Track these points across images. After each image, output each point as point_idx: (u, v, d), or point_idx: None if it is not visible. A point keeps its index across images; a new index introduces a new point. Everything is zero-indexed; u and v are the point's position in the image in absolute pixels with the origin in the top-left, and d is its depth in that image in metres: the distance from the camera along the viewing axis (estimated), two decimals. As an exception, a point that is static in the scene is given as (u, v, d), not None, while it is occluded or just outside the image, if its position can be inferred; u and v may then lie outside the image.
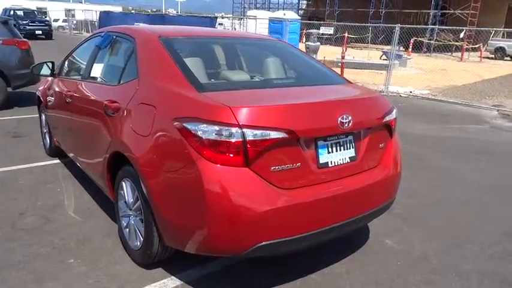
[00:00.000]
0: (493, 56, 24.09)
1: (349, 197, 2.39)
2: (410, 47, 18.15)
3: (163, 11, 35.74)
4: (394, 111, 2.77)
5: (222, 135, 2.03)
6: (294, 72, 3.09)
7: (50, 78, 4.47)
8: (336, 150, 2.39)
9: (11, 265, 2.65)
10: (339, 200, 2.34)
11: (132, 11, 36.15)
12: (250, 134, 2.03)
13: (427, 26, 19.42)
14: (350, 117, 2.34)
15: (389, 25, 10.95)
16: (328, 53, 17.10)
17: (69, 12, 37.37)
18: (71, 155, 3.96)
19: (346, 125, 2.33)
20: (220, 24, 21.62)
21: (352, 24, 15.02)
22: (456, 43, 22.74)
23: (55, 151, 4.70)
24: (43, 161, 4.71)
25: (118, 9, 35.06)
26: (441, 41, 22.85)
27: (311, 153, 2.27)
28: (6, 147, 5.15)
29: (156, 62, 2.65)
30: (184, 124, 2.12)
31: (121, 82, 2.90)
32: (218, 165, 2.04)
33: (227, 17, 27.93)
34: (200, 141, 2.05)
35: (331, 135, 2.35)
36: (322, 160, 2.32)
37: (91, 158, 3.20)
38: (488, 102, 10.18)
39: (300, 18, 19.30)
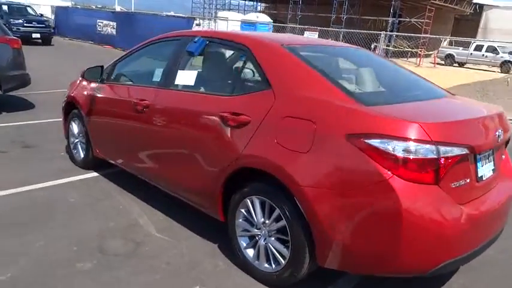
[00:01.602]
0: (443, 62, 25.74)
1: (498, 211, 2.42)
2: (377, 51, 18.92)
3: (116, 7, 34.17)
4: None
5: (416, 152, 1.96)
6: (408, 83, 3.05)
7: (84, 83, 4.12)
8: (485, 164, 2.40)
9: (133, 297, 2.38)
10: (493, 214, 2.36)
11: (77, 7, 34.08)
12: (442, 151, 1.98)
13: (414, 34, 20.13)
14: (501, 131, 2.38)
15: (373, 32, 11.32)
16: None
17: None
18: (132, 167, 3.65)
19: (500, 139, 2.37)
20: (198, 25, 20.88)
21: (339, 29, 15.33)
22: (411, 49, 24.03)
23: (92, 163, 4.32)
24: (78, 174, 4.28)
25: (67, 4, 32.88)
26: (398, 47, 24.02)
27: (473, 168, 2.26)
28: (23, 159, 4.63)
29: (294, 73, 2.50)
30: (368, 141, 2.01)
31: (236, 92, 2.71)
32: (411, 183, 1.97)
33: (175, 16, 26.93)
34: (393, 159, 1.96)
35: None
36: (479, 173, 2.32)
37: (187, 173, 2.95)
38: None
39: (272, 21, 19.40)
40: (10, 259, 2.67)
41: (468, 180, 2.19)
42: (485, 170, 2.39)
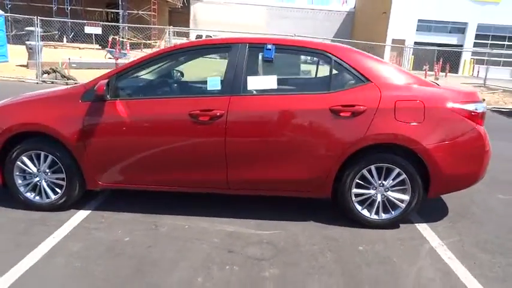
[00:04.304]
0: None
1: None
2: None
3: None
4: None
5: (482, 108, 3.31)
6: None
7: (64, 104, 3.37)
8: None
9: None
10: None
11: None
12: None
13: (147, 26, 20.57)
14: None
15: (161, 27, 11.72)
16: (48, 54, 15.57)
17: None
18: (182, 185, 3.39)
19: None
20: None
21: (111, 23, 14.23)
22: (144, 41, 25.17)
23: (74, 200, 3.54)
24: (66, 219, 3.41)
25: None
26: (131, 39, 24.67)
27: None
28: None
29: (381, 68, 3.33)
30: (462, 106, 3.22)
31: (336, 89, 3.27)
32: (481, 127, 3.32)
33: None
34: (475, 115, 3.25)
35: None
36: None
37: (296, 167, 3.26)
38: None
39: (4, 12, 15.78)
40: None
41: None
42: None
